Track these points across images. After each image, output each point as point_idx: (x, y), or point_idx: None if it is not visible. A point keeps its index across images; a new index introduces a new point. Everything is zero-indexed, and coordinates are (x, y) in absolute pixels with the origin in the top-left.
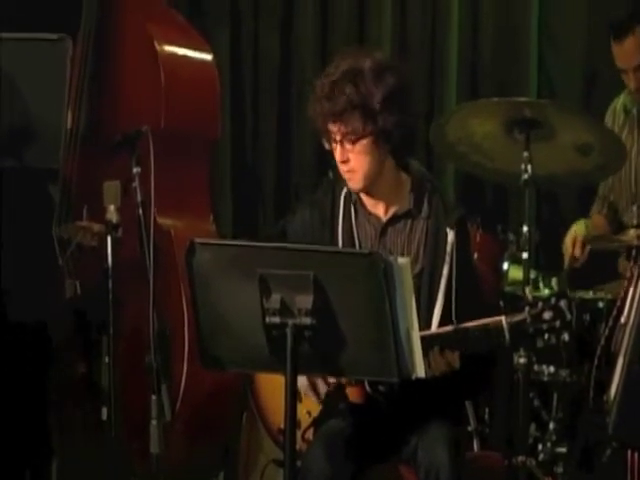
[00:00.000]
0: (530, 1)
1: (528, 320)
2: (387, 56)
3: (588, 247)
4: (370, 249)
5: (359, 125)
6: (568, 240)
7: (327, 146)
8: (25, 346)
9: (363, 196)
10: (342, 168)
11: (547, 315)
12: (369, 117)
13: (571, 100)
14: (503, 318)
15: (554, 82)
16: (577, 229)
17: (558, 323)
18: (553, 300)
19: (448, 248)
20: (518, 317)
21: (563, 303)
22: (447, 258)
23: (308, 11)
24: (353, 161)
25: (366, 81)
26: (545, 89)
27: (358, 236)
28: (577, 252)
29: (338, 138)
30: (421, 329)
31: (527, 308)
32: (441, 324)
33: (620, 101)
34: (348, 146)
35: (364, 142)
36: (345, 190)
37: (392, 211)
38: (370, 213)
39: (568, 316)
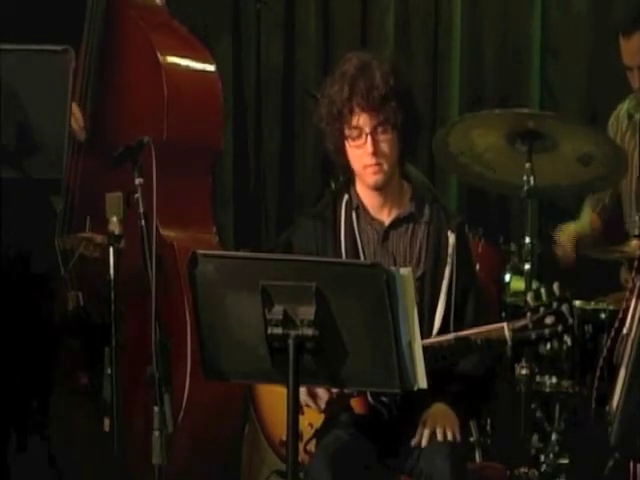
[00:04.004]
0: (532, 13)
1: (530, 326)
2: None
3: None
4: (373, 255)
5: (393, 111)
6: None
7: (348, 146)
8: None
9: (368, 200)
10: (370, 161)
11: (549, 320)
12: (402, 101)
13: (573, 111)
14: (505, 325)
15: (556, 93)
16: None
17: (560, 328)
18: (555, 305)
19: (449, 250)
20: (520, 323)
21: (565, 307)
22: (449, 260)
23: (310, 22)
24: (383, 150)
25: (388, 69)
26: (547, 100)
27: (361, 241)
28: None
29: (368, 130)
30: (424, 330)
31: (529, 314)
32: (443, 325)
33: (624, 107)
34: (380, 136)
35: (395, 131)
36: (346, 197)
37: (394, 214)
38: (373, 218)
39: (570, 320)
